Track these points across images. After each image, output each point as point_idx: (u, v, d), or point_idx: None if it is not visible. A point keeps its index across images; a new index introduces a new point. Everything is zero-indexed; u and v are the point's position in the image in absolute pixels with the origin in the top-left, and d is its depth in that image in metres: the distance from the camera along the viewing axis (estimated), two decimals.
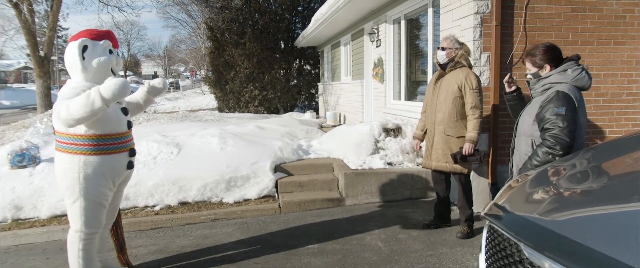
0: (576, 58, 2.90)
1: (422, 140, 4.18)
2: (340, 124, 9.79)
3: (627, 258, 1.15)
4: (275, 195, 5.09)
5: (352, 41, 9.59)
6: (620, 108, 4.77)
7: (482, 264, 1.82)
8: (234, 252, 3.70)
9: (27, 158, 5.22)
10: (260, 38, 13.58)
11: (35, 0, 14.42)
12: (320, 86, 13.99)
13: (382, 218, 4.48)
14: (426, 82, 5.74)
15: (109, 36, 2.94)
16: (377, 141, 5.75)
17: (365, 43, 8.44)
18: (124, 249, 3.34)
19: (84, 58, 2.76)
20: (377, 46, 7.54)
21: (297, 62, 14.92)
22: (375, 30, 7.56)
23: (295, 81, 14.73)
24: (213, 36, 14.43)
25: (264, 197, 5.01)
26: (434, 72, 4.07)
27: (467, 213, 3.89)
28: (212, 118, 10.61)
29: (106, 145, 2.77)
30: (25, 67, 48.19)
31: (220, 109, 15.44)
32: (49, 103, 14.07)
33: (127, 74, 55.88)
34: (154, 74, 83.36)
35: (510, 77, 3.30)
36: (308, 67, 15.10)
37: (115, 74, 2.92)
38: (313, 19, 10.70)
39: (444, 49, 3.79)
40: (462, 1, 4.54)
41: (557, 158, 2.62)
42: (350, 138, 5.98)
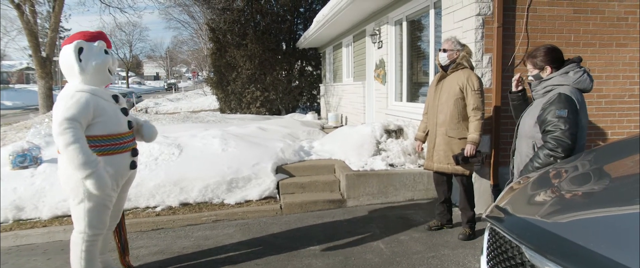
0: (578, 60, 2.90)
1: (424, 141, 4.17)
2: (341, 125, 9.80)
3: (629, 260, 1.14)
4: (277, 196, 5.08)
5: (354, 42, 9.59)
6: (622, 109, 4.77)
7: (484, 266, 1.82)
8: (235, 253, 3.70)
9: (29, 159, 5.23)
10: (262, 39, 13.58)
11: (37, 1, 14.44)
12: (322, 87, 14.00)
13: (384, 219, 4.47)
14: (428, 83, 5.74)
15: (102, 36, 2.95)
16: (379, 143, 5.75)
17: (366, 44, 8.44)
18: (127, 251, 3.34)
19: (81, 60, 2.77)
20: (379, 48, 7.54)
21: (299, 64, 14.92)
22: (377, 32, 7.56)
23: (297, 82, 14.72)
24: (215, 37, 14.43)
25: (266, 198, 5.01)
26: (436, 74, 4.07)
27: (469, 214, 3.88)
28: (214, 119, 10.61)
29: (108, 146, 2.78)
30: (27, 68, 48.31)
31: (222, 110, 15.43)
32: (50, 104, 14.07)
33: (129, 75, 56.01)
34: (156, 74, 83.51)
35: (520, 77, 3.29)
36: (310, 68, 15.09)
37: (112, 74, 2.94)
38: (315, 20, 10.72)
39: (445, 50, 3.79)
40: (464, 3, 4.54)
41: (559, 160, 2.61)
42: (351, 139, 5.97)
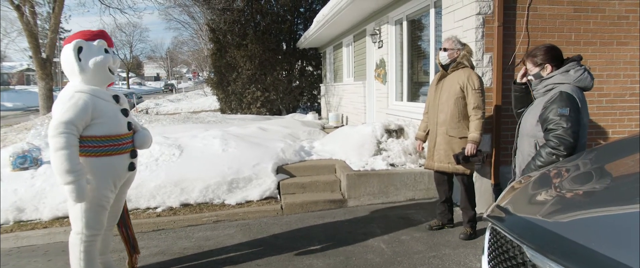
0: (578, 59, 2.89)
1: (425, 141, 4.16)
2: (342, 125, 9.79)
3: (630, 260, 1.14)
4: (278, 196, 5.08)
5: (354, 42, 9.59)
6: (623, 108, 4.76)
7: (485, 266, 1.81)
8: (236, 253, 3.69)
9: (29, 160, 5.24)
10: (262, 39, 13.58)
11: (37, 3, 14.43)
12: (322, 87, 13.99)
13: (385, 219, 4.47)
14: (428, 83, 5.73)
15: (103, 35, 2.94)
16: (380, 142, 5.74)
17: (367, 44, 8.43)
18: (137, 249, 3.35)
19: (80, 59, 2.77)
20: (379, 47, 7.53)
21: (299, 64, 14.91)
22: (377, 32, 7.56)
23: (297, 82, 14.71)
24: (215, 38, 14.44)
25: (266, 199, 5.01)
26: (436, 73, 4.06)
27: (470, 214, 3.88)
28: (214, 120, 10.60)
29: (106, 147, 2.77)
30: (28, 69, 48.41)
31: (222, 110, 15.43)
32: (51, 105, 13.97)
33: (130, 76, 56.06)
34: (156, 75, 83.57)
35: (526, 71, 3.25)
36: (310, 68, 15.09)
37: (113, 73, 2.92)
38: (315, 20, 10.71)
39: (446, 49, 3.78)
40: (464, 2, 4.53)
41: (561, 159, 2.61)
42: (352, 139, 5.97)
